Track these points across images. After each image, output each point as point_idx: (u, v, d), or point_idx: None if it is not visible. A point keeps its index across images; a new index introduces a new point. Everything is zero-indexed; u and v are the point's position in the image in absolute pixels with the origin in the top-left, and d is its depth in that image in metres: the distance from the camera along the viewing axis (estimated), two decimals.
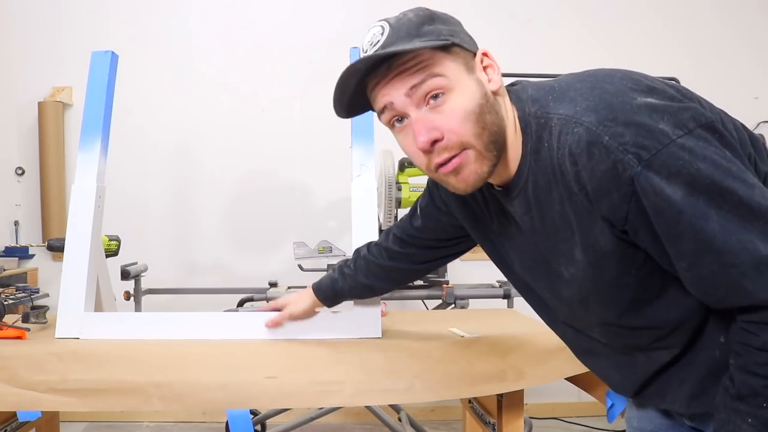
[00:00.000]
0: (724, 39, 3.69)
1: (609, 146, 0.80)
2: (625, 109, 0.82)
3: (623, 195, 0.82)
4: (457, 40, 0.91)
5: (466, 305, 2.73)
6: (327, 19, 3.60)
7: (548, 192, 0.91)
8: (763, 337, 0.80)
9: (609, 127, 0.81)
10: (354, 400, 1.42)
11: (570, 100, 0.87)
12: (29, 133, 3.64)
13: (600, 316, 0.98)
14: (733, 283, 0.80)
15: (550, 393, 3.17)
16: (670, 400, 1.02)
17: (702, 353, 0.94)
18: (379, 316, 1.60)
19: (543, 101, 0.91)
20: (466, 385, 1.45)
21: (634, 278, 0.91)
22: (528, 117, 0.92)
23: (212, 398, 1.40)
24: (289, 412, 3.11)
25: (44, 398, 1.39)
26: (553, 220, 0.93)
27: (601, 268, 0.91)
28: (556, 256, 0.97)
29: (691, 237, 0.80)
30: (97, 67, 1.83)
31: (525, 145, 0.92)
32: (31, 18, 3.66)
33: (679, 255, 0.83)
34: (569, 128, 0.84)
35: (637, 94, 0.83)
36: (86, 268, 1.66)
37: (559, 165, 0.87)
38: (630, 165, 0.80)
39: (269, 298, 2.72)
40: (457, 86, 0.90)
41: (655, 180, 0.79)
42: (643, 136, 0.79)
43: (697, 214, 0.79)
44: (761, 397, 0.81)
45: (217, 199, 3.67)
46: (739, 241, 0.78)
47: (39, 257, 3.60)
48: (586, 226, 0.89)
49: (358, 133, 1.71)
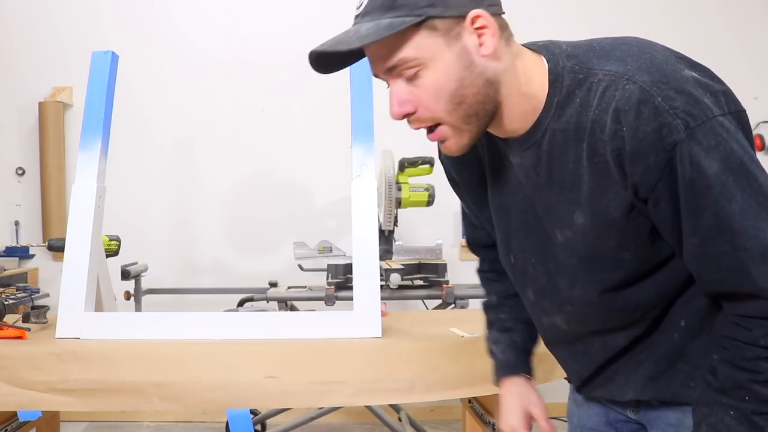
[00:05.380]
0: (724, 39, 3.69)
1: (660, 108, 0.80)
2: (676, 76, 0.82)
3: (659, 161, 0.82)
4: (434, 11, 0.84)
5: (466, 305, 2.73)
6: (327, 19, 3.60)
7: (564, 149, 0.90)
8: (755, 333, 0.82)
9: (662, 89, 0.81)
10: (354, 400, 1.43)
11: (618, 59, 0.86)
12: (30, 133, 3.65)
13: (581, 290, 0.97)
14: (738, 265, 0.81)
15: (550, 393, 3.16)
16: (621, 382, 1.01)
17: (661, 335, 0.95)
18: (379, 316, 1.60)
19: (583, 57, 0.89)
20: (466, 385, 1.45)
21: (631, 254, 0.91)
22: (561, 70, 0.89)
23: (212, 398, 1.40)
24: (289, 412, 3.11)
25: (44, 398, 1.40)
26: (561, 178, 0.92)
27: (602, 236, 0.91)
28: (553, 218, 0.96)
29: (712, 213, 0.81)
30: (98, 67, 1.83)
31: (551, 97, 0.90)
32: (32, 18, 3.66)
33: (695, 229, 0.83)
34: (619, 84, 0.83)
35: (684, 66, 0.85)
36: (86, 268, 1.67)
37: (594, 121, 0.86)
38: (677, 130, 0.80)
39: (269, 299, 2.72)
40: (432, 62, 0.86)
41: (695, 150, 0.80)
42: (692, 105, 0.80)
43: (724, 191, 0.80)
44: (744, 390, 0.82)
45: (217, 199, 3.67)
46: (754, 227, 0.80)
47: (39, 257, 3.60)
48: (602, 188, 0.88)
49: (358, 133, 1.71)
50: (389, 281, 2.57)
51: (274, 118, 3.63)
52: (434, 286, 2.72)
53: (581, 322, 1.01)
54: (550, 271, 1.00)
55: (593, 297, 0.96)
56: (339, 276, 2.66)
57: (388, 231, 2.81)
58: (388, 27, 0.84)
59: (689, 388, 0.94)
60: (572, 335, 1.04)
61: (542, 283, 1.02)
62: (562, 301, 1.01)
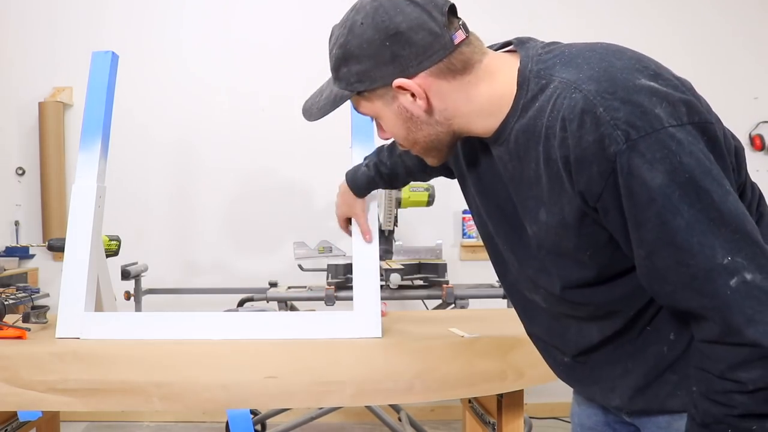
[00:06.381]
0: (724, 39, 3.69)
1: (601, 118, 0.81)
2: (626, 86, 0.82)
3: (603, 171, 0.82)
4: (362, 86, 0.96)
5: (466, 305, 2.73)
6: (327, 19, 3.60)
7: (526, 150, 0.92)
8: (720, 365, 0.81)
9: (606, 100, 0.81)
10: (354, 400, 1.43)
11: (576, 66, 0.87)
12: (30, 133, 3.65)
13: (546, 281, 0.99)
14: (681, 281, 0.81)
15: (550, 393, 3.17)
16: (607, 388, 1.02)
17: (651, 347, 0.95)
18: (379, 316, 1.60)
19: (549, 63, 0.91)
20: (466, 385, 1.45)
21: (589, 258, 0.92)
22: (528, 74, 0.91)
23: (212, 398, 1.40)
24: (289, 412, 3.12)
25: (44, 398, 1.40)
26: (528, 175, 0.94)
27: (560, 236, 0.92)
28: (524, 211, 0.98)
29: (655, 226, 0.80)
30: (98, 67, 1.83)
31: (517, 99, 0.93)
32: (32, 18, 3.66)
33: (640, 242, 0.83)
34: (567, 93, 0.85)
35: (642, 75, 0.84)
36: (86, 268, 1.67)
37: (547, 127, 0.87)
38: (616, 141, 0.80)
39: (269, 299, 2.72)
40: (380, 118, 1.01)
41: (636, 161, 0.79)
42: (637, 116, 0.80)
43: (668, 205, 0.79)
44: (724, 424, 0.81)
45: (218, 199, 3.67)
46: (699, 243, 0.78)
47: (39, 257, 3.61)
48: (557, 193, 0.89)
49: (358, 133, 1.71)
50: (389, 281, 2.57)
51: (274, 118, 3.63)
52: (434, 286, 2.72)
53: (555, 306, 1.03)
54: (519, 259, 1.04)
55: (556, 290, 0.98)
56: (339, 276, 2.66)
57: (388, 231, 2.81)
58: (333, 102, 1.01)
59: (676, 397, 0.94)
60: (550, 313, 1.05)
61: (515, 268, 1.06)
62: (534, 286, 1.04)
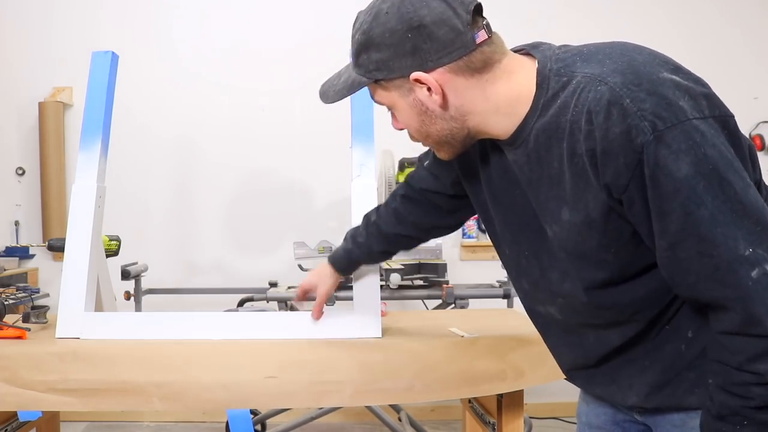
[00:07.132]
0: (724, 39, 3.69)
1: (628, 109, 0.81)
2: (651, 78, 0.83)
3: (629, 162, 0.82)
4: (380, 75, 0.96)
5: (466, 305, 2.73)
6: (327, 19, 3.60)
7: (548, 148, 0.92)
8: (738, 357, 0.82)
9: (632, 91, 0.82)
10: (354, 400, 1.43)
11: (598, 61, 0.88)
12: (30, 133, 3.64)
13: (570, 285, 0.99)
14: (704, 272, 0.82)
15: (550, 393, 3.17)
16: (625, 386, 1.02)
17: (669, 345, 0.96)
18: (379, 316, 1.60)
19: (569, 61, 0.92)
20: (466, 385, 1.45)
21: (612, 256, 0.92)
22: (548, 73, 0.92)
23: (212, 398, 1.40)
24: (289, 412, 3.12)
25: (44, 398, 1.39)
26: (549, 175, 0.94)
27: (584, 234, 0.92)
28: (545, 213, 0.98)
29: (679, 217, 0.81)
30: (98, 67, 1.83)
31: (537, 99, 0.93)
32: (31, 18, 3.66)
33: (663, 232, 0.84)
34: (593, 86, 0.85)
35: (665, 69, 0.85)
36: (86, 268, 1.67)
37: (572, 122, 0.88)
38: (644, 132, 0.80)
39: (269, 299, 2.72)
40: (395, 108, 1.01)
41: (662, 152, 0.80)
42: (663, 107, 0.81)
43: (693, 196, 0.80)
44: (740, 416, 0.82)
45: (218, 199, 3.67)
46: (723, 234, 0.79)
47: (39, 257, 3.60)
48: (581, 189, 0.89)
49: (358, 133, 1.71)
50: (389, 281, 2.57)
51: (274, 118, 3.63)
52: (434, 286, 2.72)
53: (573, 315, 1.02)
54: (543, 265, 1.02)
55: (580, 293, 0.97)
56: None
57: None
58: (350, 87, 1.01)
59: (693, 395, 0.94)
60: (566, 325, 1.05)
61: (535, 275, 1.05)
62: (553, 294, 1.03)
